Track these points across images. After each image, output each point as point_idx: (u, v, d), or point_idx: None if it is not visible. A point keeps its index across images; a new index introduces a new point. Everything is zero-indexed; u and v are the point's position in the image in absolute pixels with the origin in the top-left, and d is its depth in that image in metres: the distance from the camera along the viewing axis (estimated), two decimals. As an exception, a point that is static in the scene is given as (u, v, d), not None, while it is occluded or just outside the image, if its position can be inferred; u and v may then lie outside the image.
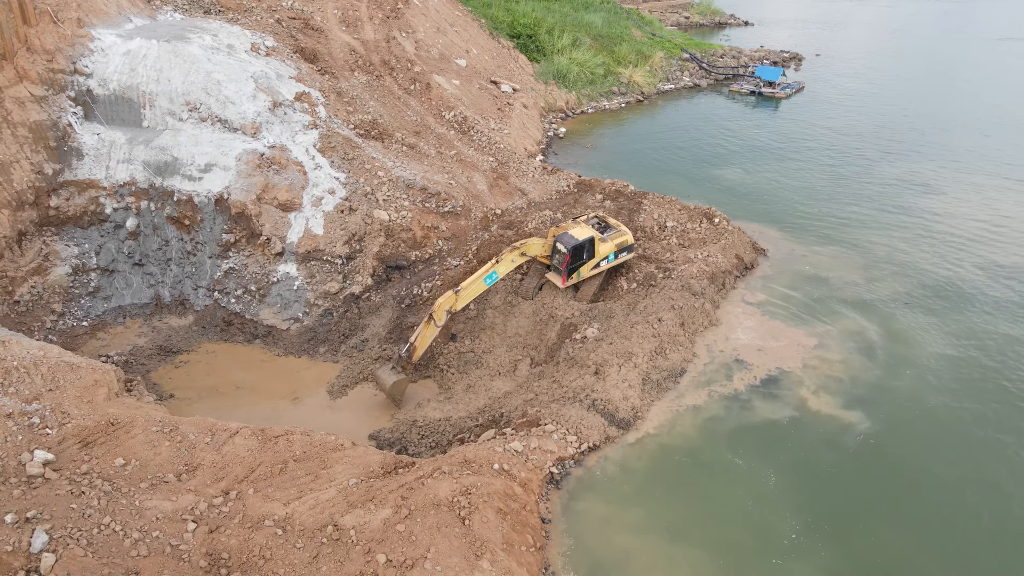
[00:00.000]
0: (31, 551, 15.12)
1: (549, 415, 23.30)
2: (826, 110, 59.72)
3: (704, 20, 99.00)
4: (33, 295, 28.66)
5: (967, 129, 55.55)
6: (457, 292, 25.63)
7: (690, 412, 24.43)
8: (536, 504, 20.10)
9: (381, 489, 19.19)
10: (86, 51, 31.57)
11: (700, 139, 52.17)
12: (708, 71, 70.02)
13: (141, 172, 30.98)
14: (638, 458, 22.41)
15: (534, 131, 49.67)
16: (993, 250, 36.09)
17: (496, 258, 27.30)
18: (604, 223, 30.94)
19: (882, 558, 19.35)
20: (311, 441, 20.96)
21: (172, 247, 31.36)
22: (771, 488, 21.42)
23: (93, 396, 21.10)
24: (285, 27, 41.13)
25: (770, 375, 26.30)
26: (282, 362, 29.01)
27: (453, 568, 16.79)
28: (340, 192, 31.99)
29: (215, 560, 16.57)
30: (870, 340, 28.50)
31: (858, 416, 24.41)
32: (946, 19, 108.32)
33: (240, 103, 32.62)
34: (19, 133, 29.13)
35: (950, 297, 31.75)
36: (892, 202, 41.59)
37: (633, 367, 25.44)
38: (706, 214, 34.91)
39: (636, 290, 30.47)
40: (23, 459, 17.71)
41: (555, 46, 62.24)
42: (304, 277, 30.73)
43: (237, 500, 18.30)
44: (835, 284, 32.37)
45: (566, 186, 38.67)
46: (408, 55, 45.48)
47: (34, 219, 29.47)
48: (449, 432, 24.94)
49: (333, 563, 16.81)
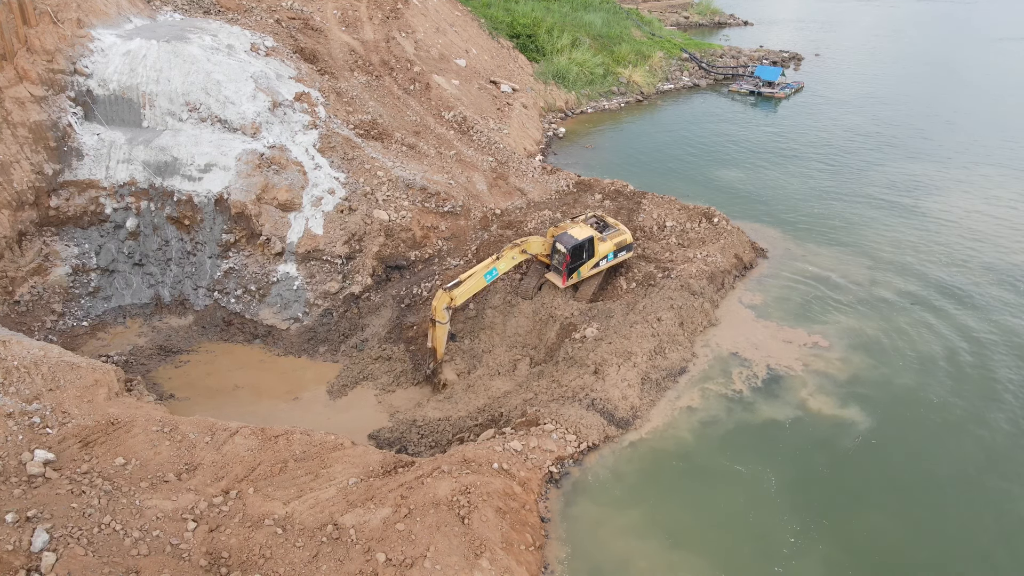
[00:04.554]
0: (32, 550, 15.18)
1: (548, 414, 23.35)
2: (826, 110, 59.77)
3: (704, 20, 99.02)
4: (33, 295, 28.71)
5: (967, 129, 55.58)
6: (449, 289, 25.42)
7: (689, 411, 24.49)
8: (535, 503, 20.15)
9: (381, 488, 19.23)
10: (86, 51, 31.60)
11: (699, 139, 52.22)
12: (707, 71, 70.06)
13: (141, 172, 31.03)
14: (637, 458, 22.47)
15: (534, 131, 49.72)
16: (993, 249, 36.12)
17: (497, 254, 27.28)
18: (603, 222, 30.98)
19: (882, 558, 19.40)
20: (311, 440, 21.01)
21: (172, 247, 31.40)
22: (771, 487, 21.47)
23: (93, 396, 21.16)
24: (285, 27, 41.17)
25: (769, 374, 26.36)
26: (282, 362, 29.05)
27: (452, 567, 16.84)
28: (340, 192, 32.02)
29: (215, 559, 16.61)
30: (870, 339, 28.53)
31: (858, 415, 24.46)
32: (946, 19, 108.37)
33: (240, 103, 32.65)
34: (19, 133, 29.17)
35: (949, 296, 31.78)
36: (892, 201, 41.64)
37: (632, 366, 25.49)
38: (705, 214, 34.96)
39: (635, 290, 30.51)
40: (24, 458, 17.78)
41: (555, 46, 62.26)
42: (304, 277, 30.77)
43: (237, 499, 18.35)
44: (834, 283, 32.42)
45: (565, 186, 38.72)
46: (408, 55, 45.52)
47: (34, 219, 29.52)
48: (449, 431, 24.98)
49: (333, 562, 16.85)
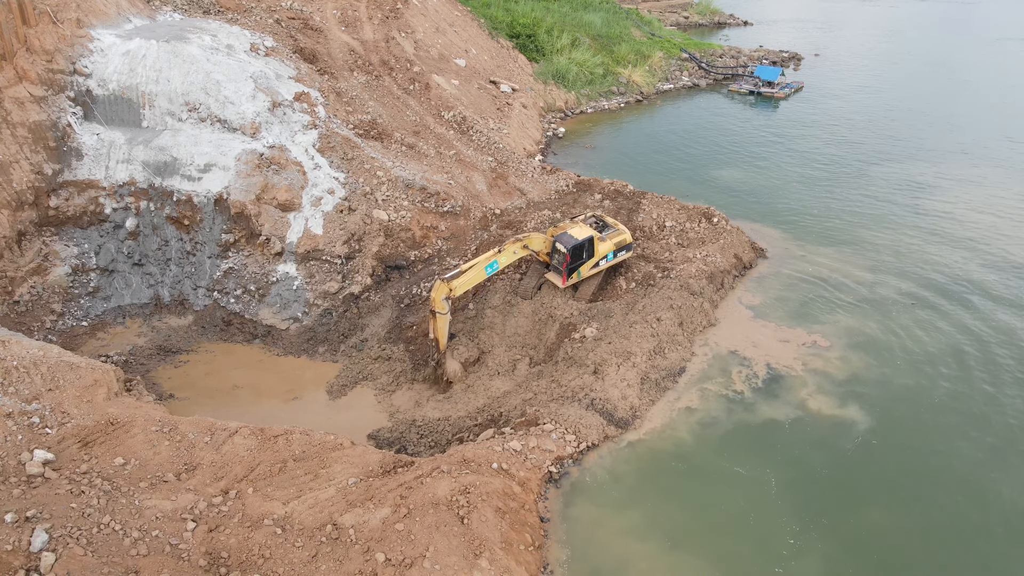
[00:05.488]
0: (31, 550, 15.19)
1: (548, 414, 23.35)
2: (825, 110, 59.77)
3: (703, 20, 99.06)
4: (33, 295, 28.70)
5: (967, 128, 55.60)
6: (448, 279, 25.17)
7: (688, 411, 24.49)
8: (535, 503, 20.15)
9: (380, 488, 19.23)
10: (85, 51, 31.60)
11: (699, 139, 52.23)
12: (707, 71, 70.06)
13: (141, 172, 31.03)
14: (637, 458, 22.47)
15: (533, 131, 49.72)
16: (993, 249, 36.10)
17: (499, 247, 27.20)
18: (602, 222, 30.98)
19: (882, 557, 19.40)
20: (310, 440, 21.02)
21: (172, 247, 31.41)
22: (771, 488, 21.46)
23: (93, 396, 21.16)
24: (284, 27, 41.18)
25: (769, 374, 26.36)
26: (281, 362, 29.05)
27: (452, 567, 16.84)
28: (339, 192, 32.03)
29: (214, 559, 16.62)
30: (869, 339, 28.53)
31: (858, 415, 24.46)
32: (946, 19, 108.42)
33: (239, 103, 32.65)
34: (19, 133, 29.18)
35: (949, 295, 31.77)
36: (891, 201, 41.64)
37: (632, 366, 25.49)
38: (705, 214, 34.96)
39: (635, 290, 30.51)
40: (23, 458, 17.79)
41: (554, 46, 62.26)
42: (303, 277, 30.78)
43: (236, 499, 18.35)
44: (834, 283, 32.42)
45: (565, 186, 38.72)
46: (407, 55, 45.53)
47: (34, 219, 29.52)
48: (448, 431, 24.98)
49: (332, 562, 16.85)
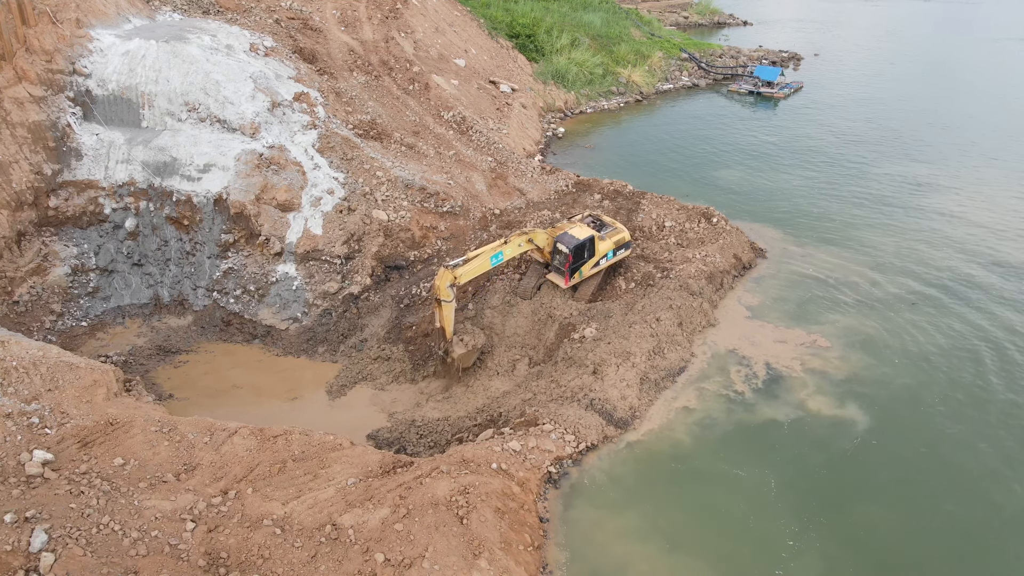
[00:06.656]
0: (30, 550, 15.20)
1: (547, 414, 23.36)
2: (825, 110, 59.78)
3: (703, 20, 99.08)
4: (32, 295, 28.70)
5: (967, 128, 55.61)
6: (452, 267, 25.06)
7: (688, 412, 24.50)
8: (534, 503, 20.16)
9: (379, 488, 19.24)
10: (85, 51, 31.59)
11: (699, 139, 52.23)
12: (707, 71, 70.07)
13: (140, 172, 31.02)
14: (636, 458, 22.47)
15: (533, 131, 49.72)
16: (992, 248, 36.11)
17: (504, 239, 27.15)
18: (599, 221, 31.01)
19: (882, 557, 19.41)
20: (310, 441, 21.02)
21: (171, 247, 31.41)
22: (770, 488, 21.47)
23: (92, 396, 21.17)
24: (284, 27, 41.17)
25: (768, 374, 26.38)
26: (281, 362, 29.05)
27: (451, 567, 16.85)
28: (339, 192, 32.03)
29: (214, 559, 16.62)
30: (868, 339, 28.54)
31: (858, 415, 24.48)
32: (946, 19, 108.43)
33: (239, 103, 32.65)
34: (18, 133, 29.17)
35: (948, 295, 31.79)
36: (891, 201, 41.65)
37: (631, 367, 25.50)
38: (704, 214, 34.97)
39: (634, 290, 30.52)
40: (22, 459, 17.79)
41: (554, 46, 62.27)
42: (303, 277, 30.78)
43: (236, 499, 18.35)
44: (833, 283, 32.44)
45: (565, 186, 38.72)
46: (407, 55, 45.53)
47: (33, 219, 29.51)
48: (447, 432, 24.98)
49: (331, 562, 16.86)
